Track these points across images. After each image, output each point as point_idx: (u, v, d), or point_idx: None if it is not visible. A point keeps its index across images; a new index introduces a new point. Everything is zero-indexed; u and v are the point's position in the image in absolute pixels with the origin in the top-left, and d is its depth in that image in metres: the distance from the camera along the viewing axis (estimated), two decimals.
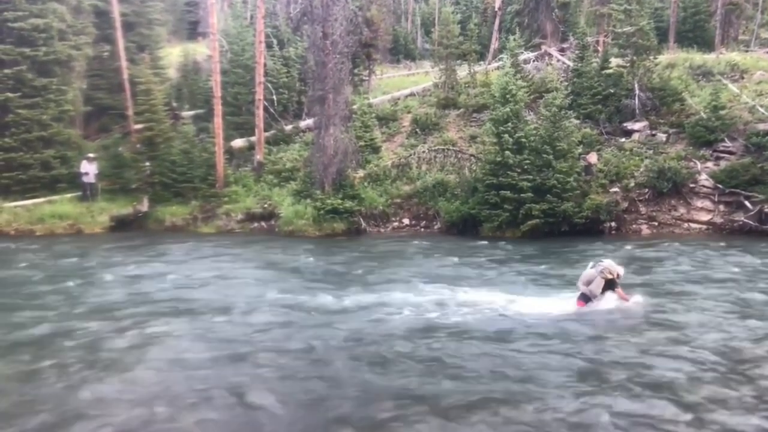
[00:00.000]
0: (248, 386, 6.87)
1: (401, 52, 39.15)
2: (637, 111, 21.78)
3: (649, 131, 21.46)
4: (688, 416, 6.03)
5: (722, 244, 16.41)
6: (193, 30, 42.70)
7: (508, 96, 19.22)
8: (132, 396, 6.70)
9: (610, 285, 9.71)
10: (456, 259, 14.98)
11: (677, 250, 15.33)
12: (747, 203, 18.37)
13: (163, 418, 6.14)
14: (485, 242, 17.54)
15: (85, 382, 7.04)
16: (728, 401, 6.40)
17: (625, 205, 19.31)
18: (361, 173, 21.33)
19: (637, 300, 10.02)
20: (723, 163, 19.42)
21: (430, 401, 6.44)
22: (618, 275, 9.79)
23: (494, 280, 12.38)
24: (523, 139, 18.70)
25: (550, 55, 28.20)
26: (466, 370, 7.36)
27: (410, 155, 22.10)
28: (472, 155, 21.44)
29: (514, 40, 24.37)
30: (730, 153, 19.68)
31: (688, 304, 10.28)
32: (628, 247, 16.06)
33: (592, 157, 19.94)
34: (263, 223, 20.70)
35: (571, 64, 24.78)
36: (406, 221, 20.55)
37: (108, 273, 13.24)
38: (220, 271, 13.56)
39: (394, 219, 20.56)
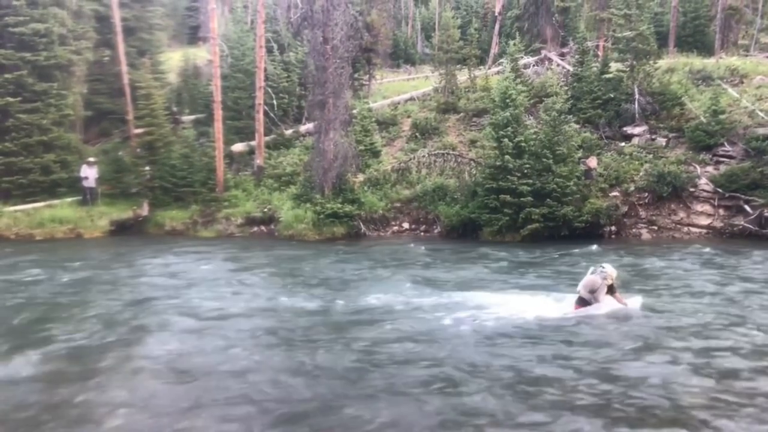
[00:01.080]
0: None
1: (401, 57, 39.25)
2: (637, 115, 21.79)
3: (648, 135, 21.46)
4: None
5: (722, 247, 16.41)
6: (193, 35, 42.81)
7: (508, 100, 19.23)
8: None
9: (609, 289, 9.72)
10: (455, 263, 14.96)
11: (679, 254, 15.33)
12: (747, 207, 18.38)
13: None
14: (485, 246, 17.49)
15: None
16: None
17: (625, 209, 19.31)
18: (360, 177, 21.33)
19: (635, 303, 9.99)
20: (723, 167, 19.42)
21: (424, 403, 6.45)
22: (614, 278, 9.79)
23: (493, 283, 12.36)
24: (523, 144, 18.71)
25: (550, 60, 28.24)
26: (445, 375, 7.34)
27: (410, 159, 22.11)
28: (472, 159, 21.45)
29: (514, 44, 24.39)
30: (730, 157, 19.69)
31: (686, 309, 10.25)
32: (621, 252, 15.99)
33: (592, 162, 19.95)
34: (263, 228, 20.68)
35: (571, 68, 24.82)
36: (406, 225, 20.54)
37: (67, 274, 13.24)
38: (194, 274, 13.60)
39: (394, 223, 20.55)
